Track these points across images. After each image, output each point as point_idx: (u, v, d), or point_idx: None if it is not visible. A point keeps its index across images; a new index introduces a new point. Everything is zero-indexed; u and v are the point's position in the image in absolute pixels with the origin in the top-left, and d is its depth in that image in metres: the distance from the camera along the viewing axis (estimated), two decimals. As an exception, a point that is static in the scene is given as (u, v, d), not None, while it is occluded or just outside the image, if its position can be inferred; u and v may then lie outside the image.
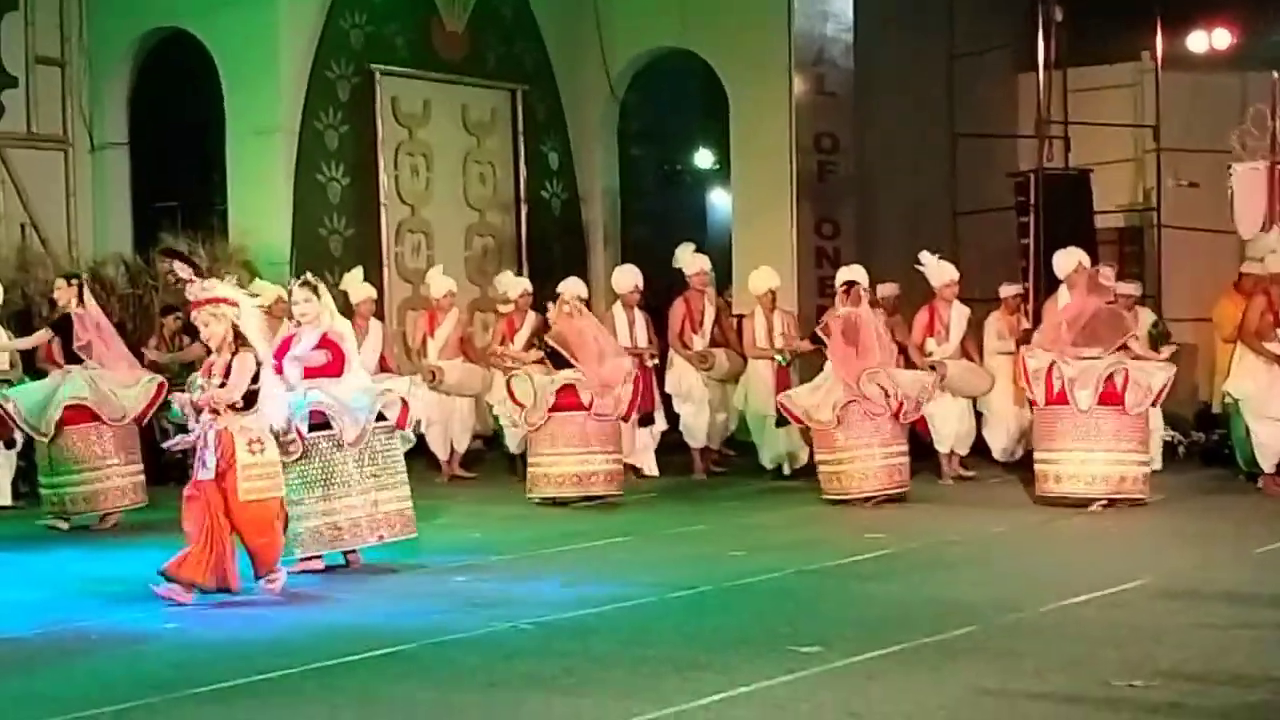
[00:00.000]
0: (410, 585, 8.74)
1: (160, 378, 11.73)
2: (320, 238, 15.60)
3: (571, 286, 12.82)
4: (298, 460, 8.93)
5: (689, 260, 13.90)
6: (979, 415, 13.53)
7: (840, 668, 6.44)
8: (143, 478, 11.58)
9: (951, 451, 13.27)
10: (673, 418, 14.01)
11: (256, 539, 8.29)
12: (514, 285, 14.08)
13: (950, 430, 13.16)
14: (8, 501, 12.17)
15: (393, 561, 9.37)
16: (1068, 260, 12.05)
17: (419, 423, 11.37)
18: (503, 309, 14.21)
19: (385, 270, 15.69)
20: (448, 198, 16.73)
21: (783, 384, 13.14)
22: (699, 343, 13.78)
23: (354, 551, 9.27)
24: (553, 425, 11.97)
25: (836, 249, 16.50)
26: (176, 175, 16.65)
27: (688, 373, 13.81)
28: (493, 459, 14.68)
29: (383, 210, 15.90)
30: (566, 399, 11.99)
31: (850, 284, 12.08)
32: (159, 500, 11.38)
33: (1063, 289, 12.15)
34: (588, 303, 13.30)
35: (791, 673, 6.33)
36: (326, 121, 15.72)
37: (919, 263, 12.96)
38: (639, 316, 13.78)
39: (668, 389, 13.90)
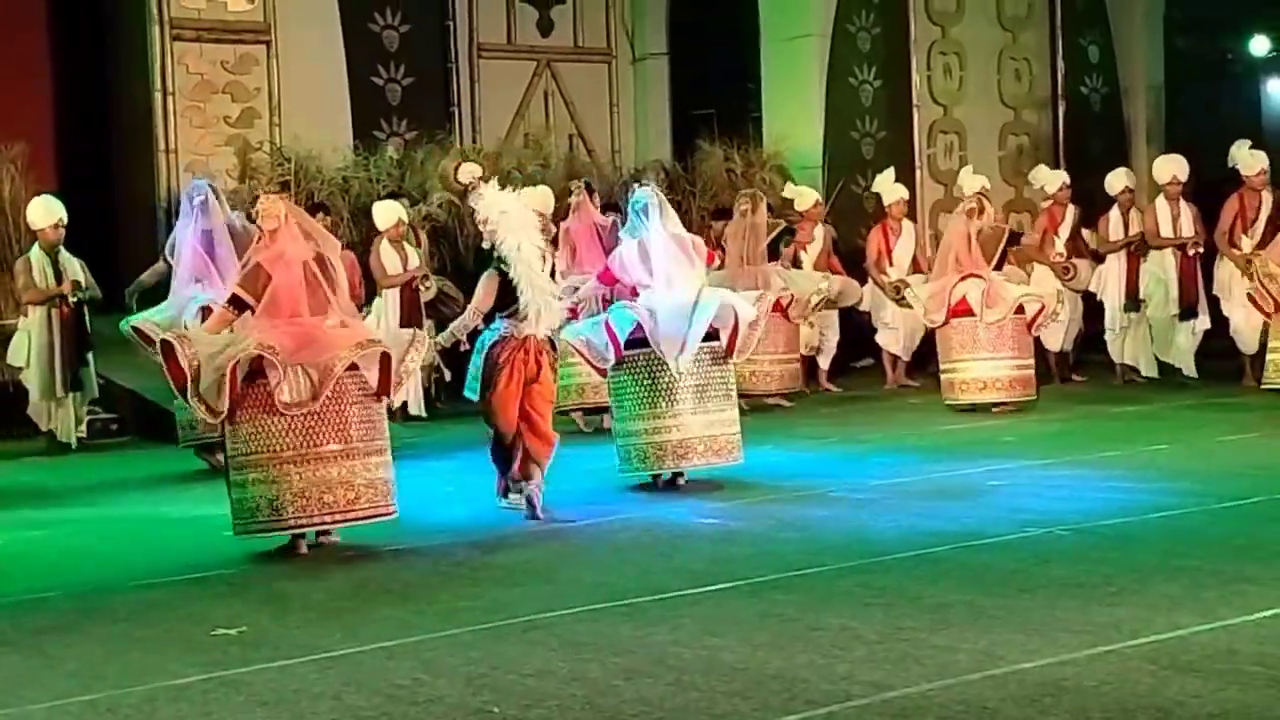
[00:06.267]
0: (941, 489, 8.67)
1: None
2: (852, 141, 15.67)
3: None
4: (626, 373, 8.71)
5: (1246, 158, 13.05)
6: None
7: None
8: None
9: None
10: (1218, 321, 13.25)
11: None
12: (1051, 179, 13.71)
13: None
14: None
15: (941, 465, 9.33)
16: None
17: None
18: (1042, 204, 13.83)
19: (917, 172, 15.59)
20: (981, 96, 16.40)
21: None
22: (1247, 244, 12.95)
23: (680, 473, 8.81)
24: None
25: None
26: (713, 83, 17.00)
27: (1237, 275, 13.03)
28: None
29: (914, 111, 15.78)
30: None
31: None
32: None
33: None
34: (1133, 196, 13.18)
35: (1352, 591, 5.91)
36: (859, 24, 15.71)
37: None
38: (1184, 208, 13.23)
39: (1215, 290, 13.17)
